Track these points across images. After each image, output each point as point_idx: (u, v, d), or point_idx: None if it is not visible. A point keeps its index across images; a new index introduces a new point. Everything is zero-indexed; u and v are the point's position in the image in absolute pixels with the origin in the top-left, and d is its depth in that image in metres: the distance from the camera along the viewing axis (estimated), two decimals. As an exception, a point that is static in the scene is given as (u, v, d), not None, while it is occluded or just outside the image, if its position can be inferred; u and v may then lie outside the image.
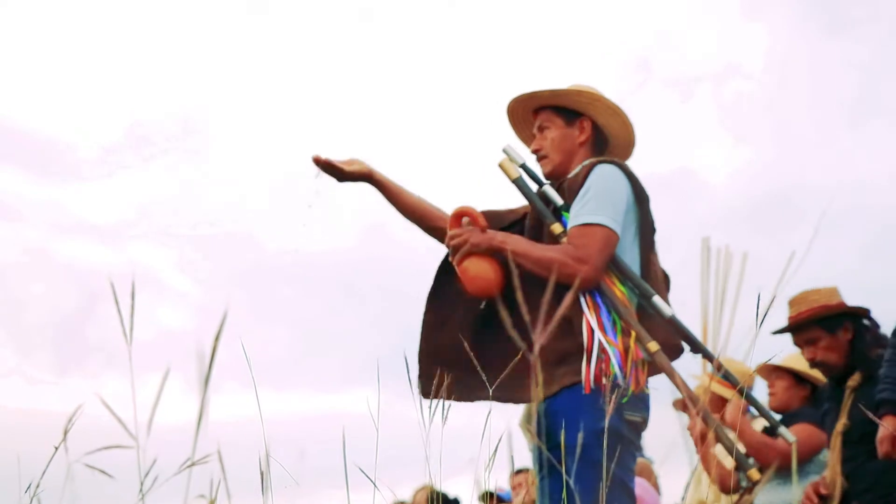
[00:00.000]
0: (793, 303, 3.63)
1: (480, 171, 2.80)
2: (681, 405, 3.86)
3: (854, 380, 3.44)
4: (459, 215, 2.62)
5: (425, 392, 2.63)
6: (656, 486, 5.19)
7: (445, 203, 2.80)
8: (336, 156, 2.75)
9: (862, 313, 3.53)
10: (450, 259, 2.60)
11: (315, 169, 2.72)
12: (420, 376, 2.67)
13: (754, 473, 2.34)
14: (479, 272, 2.52)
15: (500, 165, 2.68)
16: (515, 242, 2.52)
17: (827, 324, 3.52)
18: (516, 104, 2.78)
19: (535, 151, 2.73)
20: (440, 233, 2.79)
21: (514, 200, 2.80)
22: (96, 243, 10.22)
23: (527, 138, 2.84)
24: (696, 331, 2.64)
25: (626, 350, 2.39)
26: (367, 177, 2.79)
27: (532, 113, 2.79)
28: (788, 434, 2.57)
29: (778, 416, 3.98)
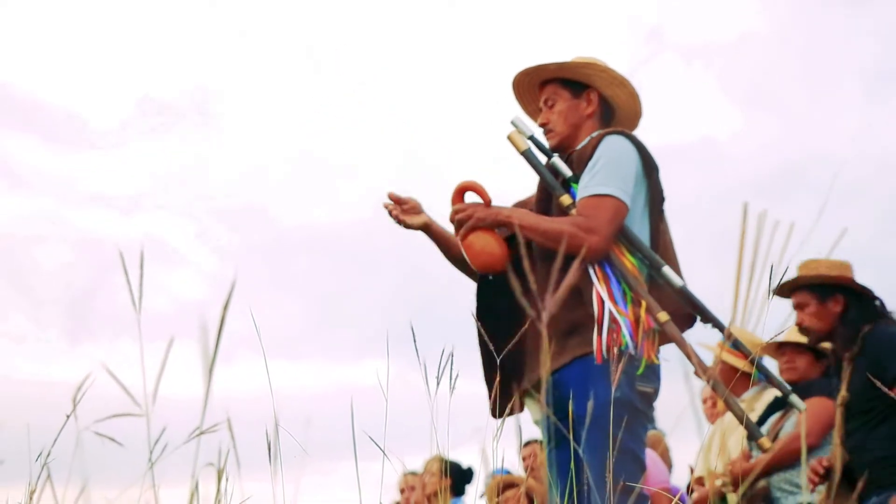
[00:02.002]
0: (800, 267, 3.68)
1: (494, 147, 2.77)
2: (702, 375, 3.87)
3: (851, 352, 3.47)
4: (463, 190, 2.58)
5: (501, 413, 2.55)
6: (667, 458, 5.21)
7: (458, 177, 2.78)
8: (401, 196, 2.76)
9: (858, 289, 3.54)
10: (455, 234, 2.58)
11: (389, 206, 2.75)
12: (500, 396, 2.58)
13: (765, 442, 2.35)
14: (484, 247, 2.50)
15: (509, 138, 2.66)
16: (522, 216, 2.50)
17: (818, 291, 3.56)
18: (522, 77, 2.77)
19: (542, 125, 2.72)
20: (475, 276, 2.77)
21: (525, 173, 2.78)
22: (110, 214, 10.26)
23: (532, 112, 2.83)
24: (710, 301, 2.63)
25: (637, 320, 2.39)
26: (425, 228, 2.79)
27: (538, 87, 2.78)
28: (799, 402, 2.58)
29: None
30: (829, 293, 3.55)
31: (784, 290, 3.64)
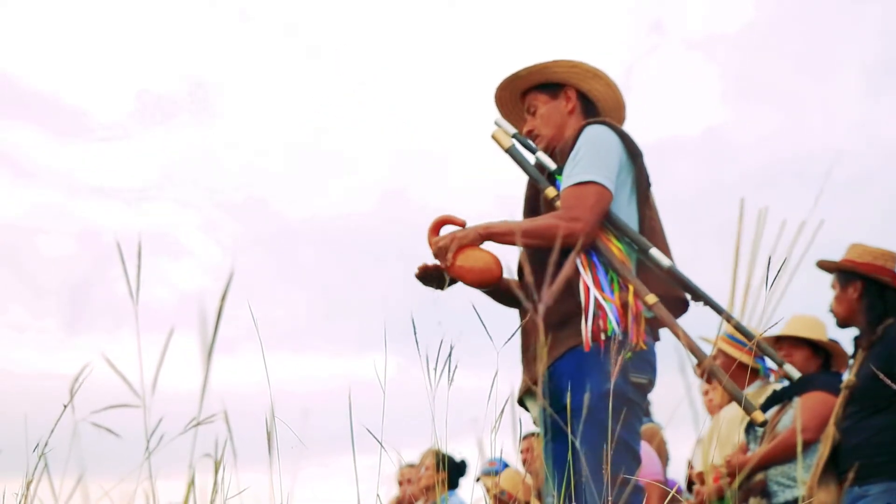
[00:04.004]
0: (847, 250, 3.72)
1: (494, 146, 2.77)
2: (701, 371, 3.89)
3: (868, 340, 3.50)
4: (439, 225, 2.55)
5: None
6: (663, 451, 5.21)
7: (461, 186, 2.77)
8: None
9: (883, 280, 3.54)
10: (440, 266, 2.51)
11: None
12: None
13: (758, 415, 2.36)
14: (475, 263, 2.47)
15: (493, 136, 2.71)
16: (499, 224, 2.48)
17: (840, 277, 3.63)
18: (501, 93, 2.81)
19: (528, 133, 2.75)
20: (511, 300, 2.73)
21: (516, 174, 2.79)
22: (113, 205, 10.26)
23: (521, 125, 2.84)
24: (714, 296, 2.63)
25: (625, 305, 2.39)
26: None
27: (520, 98, 2.81)
28: (793, 370, 2.61)
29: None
30: (849, 279, 3.59)
31: (820, 266, 3.72)
